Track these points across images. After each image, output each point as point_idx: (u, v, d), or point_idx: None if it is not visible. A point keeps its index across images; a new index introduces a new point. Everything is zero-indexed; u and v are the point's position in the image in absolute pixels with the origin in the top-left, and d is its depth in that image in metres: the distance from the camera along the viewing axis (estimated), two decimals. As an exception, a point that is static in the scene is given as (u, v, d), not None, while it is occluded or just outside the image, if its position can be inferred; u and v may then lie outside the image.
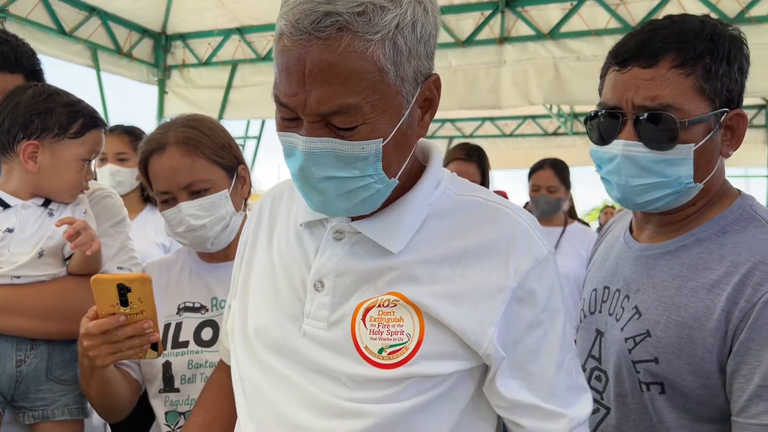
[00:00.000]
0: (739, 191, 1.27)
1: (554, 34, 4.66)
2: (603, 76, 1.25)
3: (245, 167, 1.62)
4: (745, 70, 1.19)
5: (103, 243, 1.56)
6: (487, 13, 4.86)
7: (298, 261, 1.06)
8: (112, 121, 5.64)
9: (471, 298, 0.97)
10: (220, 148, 1.56)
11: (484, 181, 3.24)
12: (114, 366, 1.45)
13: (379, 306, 0.97)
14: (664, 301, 1.19)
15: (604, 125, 1.22)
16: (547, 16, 4.67)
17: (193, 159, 1.51)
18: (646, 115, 1.15)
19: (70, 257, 1.49)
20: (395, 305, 0.97)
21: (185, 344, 1.51)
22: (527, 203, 3.73)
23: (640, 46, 1.17)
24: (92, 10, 5.12)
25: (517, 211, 1.04)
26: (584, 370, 1.33)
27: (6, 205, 1.44)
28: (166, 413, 1.50)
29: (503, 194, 7.51)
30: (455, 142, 10.22)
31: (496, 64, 4.84)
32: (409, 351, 0.96)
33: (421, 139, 1.12)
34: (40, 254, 1.44)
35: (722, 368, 1.12)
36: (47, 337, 1.46)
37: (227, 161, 1.56)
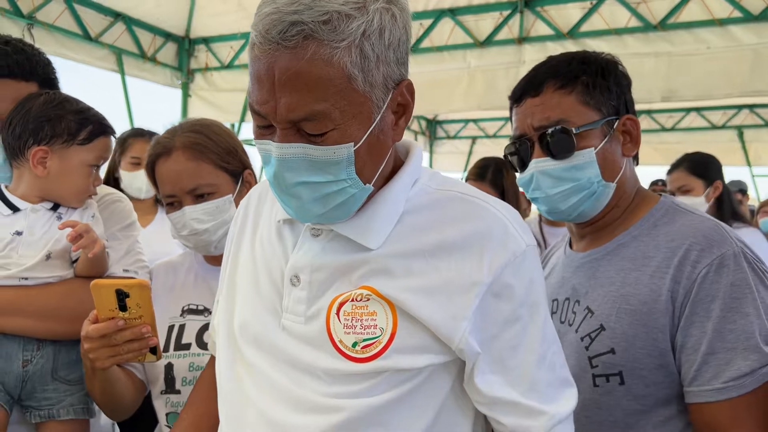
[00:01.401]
0: (661, 194, 1.41)
1: (574, 33, 4.62)
2: (510, 118, 1.43)
3: (252, 172, 1.64)
4: (623, 84, 1.37)
5: (111, 246, 1.60)
6: (506, 13, 4.85)
7: (277, 256, 1.08)
8: (137, 124, 5.78)
9: (444, 292, 0.97)
10: (226, 153, 1.58)
11: (507, 199, 3.08)
12: (118, 367, 1.48)
13: (353, 300, 0.98)
14: (612, 294, 1.29)
15: (519, 154, 1.39)
16: (567, 15, 4.64)
17: (198, 163, 1.53)
18: (545, 132, 1.32)
19: (77, 260, 1.52)
20: (368, 299, 0.98)
21: (187, 346, 1.54)
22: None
23: (528, 82, 1.37)
24: (117, 16, 5.22)
25: (495, 205, 1.04)
26: None
27: (16, 209, 1.48)
28: (167, 414, 1.53)
29: (522, 195, 7.42)
30: (478, 142, 10.20)
31: (516, 65, 4.81)
32: (382, 345, 0.97)
33: (404, 139, 1.13)
34: (48, 257, 1.48)
35: (673, 346, 1.22)
36: (53, 338, 1.49)
37: (233, 166, 1.58)
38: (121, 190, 2.95)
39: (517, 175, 1.41)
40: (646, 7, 4.44)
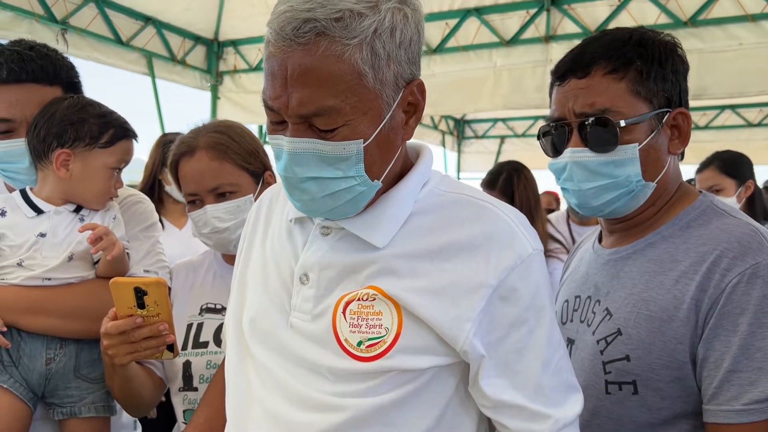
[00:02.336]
0: (700, 191, 1.30)
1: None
2: (550, 94, 1.31)
3: (272, 173, 1.66)
4: (680, 71, 1.25)
5: (132, 247, 1.64)
6: (533, 11, 4.81)
7: (287, 254, 1.09)
8: (167, 126, 5.87)
9: (449, 294, 0.97)
10: (248, 154, 1.60)
11: (521, 210, 3.09)
12: (138, 364, 1.51)
13: (359, 299, 0.99)
14: (633, 297, 1.21)
15: (553, 138, 1.27)
16: (594, 13, 4.58)
17: (220, 163, 1.56)
18: (587, 120, 1.21)
19: (98, 261, 1.56)
20: (374, 299, 0.99)
21: (205, 344, 1.56)
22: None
23: (574, 60, 1.24)
24: (147, 20, 5.31)
25: (503, 209, 1.04)
26: None
27: (39, 211, 1.52)
28: (184, 411, 1.55)
29: (555, 195, 7.31)
30: (507, 141, 10.13)
31: (542, 63, 4.77)
32: (386, 344, 0.97)
33: (415, 141, 1.14)
34: (70, 258, 1.52)
35: (694, 359, 1.13)
36: (75, 337, 1.53)
37: (254, 167, 1.61)
38: (163, 192, 3.02)
39: (550, 159, 1.30)
40: (675, 3, 4.36)
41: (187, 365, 1.55)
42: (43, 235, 1.50)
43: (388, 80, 0.93)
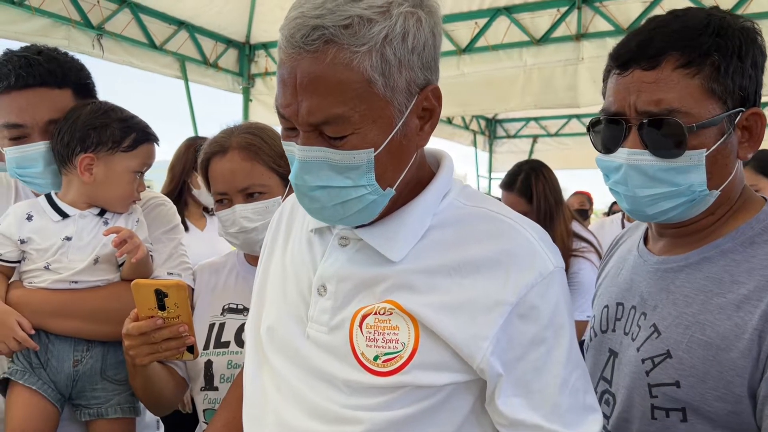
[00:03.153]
0: (765, 198, 1.18)
1: (635, 28, 4.46)
2: (605, 80, 1.17)
3: None
4: (760, 65, 1.09)
5: (155, 249, 1.66)
6: (563, 9, 4.73)
7: (306, 265, 1.09)
8: (200, 129, 5.96)
9: (467, 310, 0.95)
10: (278, 156, 1.61)
11: (540, 212, 2.96)
12: (160, 364, 1.54)
13: (376, 313, 0.98)
14: (687, 318, 1.09)
15: (607, 133, 1.14)
16: (627, 10, 4.49)
17: (252, 164, 1.58)
18: (650, 120, 1.07)
19: (123, 263, 1.58)
20: (391, 313, 0.98)
21: (226, 344, 1.58)
22: None
23: (640, 47, 1.08)
24: (180, 24, 5.39)
25: (524, 225, 1.01)
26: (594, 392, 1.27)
27: (65, 215, 1.55)
28: (204, 411, 1.57)
29: (587, 195, 7.20)
30: (540, 140, 10.01)
31: (573, 62, 4.70)
32: (403, 360, 0.96)
33: (436, 148, 1.13)
34: (96, 261, 1.55)
35: (754, 393, 1.02)
36: (101, 339, 1.56)
37: (284, 169, 1.62)
38: (189, 195, 3.08)
39: (599, 154, 1.17)
40: (712, -1, 4.25)
41: (208, 365, 1.57)
42: (68, 238, 1.53)
43: (400, 87, 0.91)
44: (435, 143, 1.12)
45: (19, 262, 1.54)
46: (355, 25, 0.87)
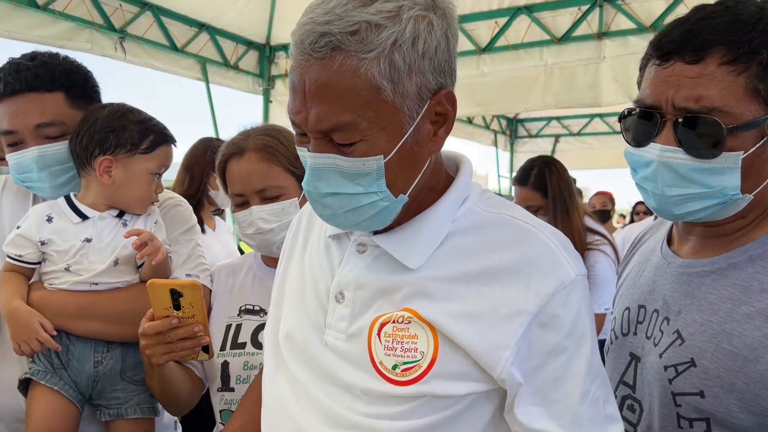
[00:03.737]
0: None
1: (658, 26, 4.39)
2: (642, 69, 1.11)
3: None
4: None
5: (174, 251, 1.67)
6: (585, 7, 4.68)
7: (324, 271, 1.08)
8: (221, 129, 6.00)
9: (487, 319, 0.94)
10: (295, 158, 1.61)
11: (556, 206, 2.93)
12: (177, 364, 1.55)
13: (394, 322, 0.97)
14: (712, 326, 1.05)
15: (640, 125, 1.08)
16: (650, 8, 4.42)
17: (269, 165, 1.58)
18: (688, 118, 1.01)
19: (142, 265, 1.59)
20: (410, 322, 0.96)
21: (243, 345, 1.58)
22: None
23: (685, 38, 1.02)
24: (201, 26, 5.43)
25: (545, 231, 0.99)
26: (615, 397, 1.21)
27: (84, 217, 1.56)
28: (220, 411, 1.58)
29: (609, 195, 7.12)
30: (562, 140, 9.93)
31: (595, 60, 4.65)
32: (422, 369, 0.95)
33: (454, 152, 1.12)
34: (116, 262, 1.56)
35: None
36: (121, 340, 1.57)
37: (301, 171, 1.61)
38: (206, 196, 3.10)
39: (628, 147, 1.12)
40: (737, -5, 4.18)
41: (225, 366, 1.58)
42: (88, 240, 1.54)
43: (410, 92, 0.90)
44: (455, 143, 1.10)
45: (39, 263, 1.56)
46: (362, 31, 0.86)
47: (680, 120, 1.02)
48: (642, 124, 1.08)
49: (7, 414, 1.61)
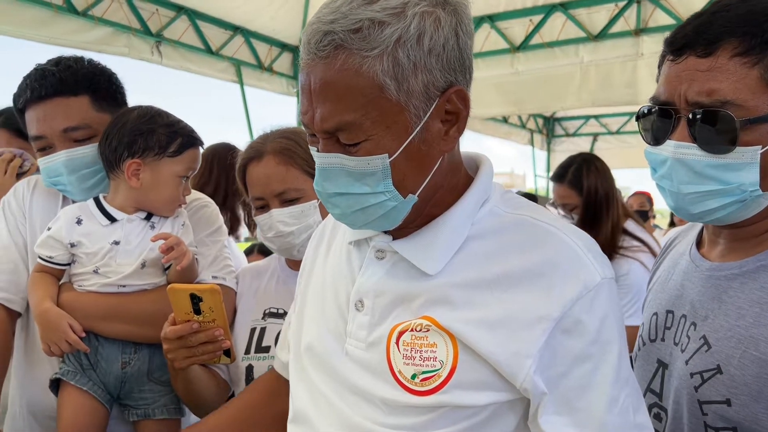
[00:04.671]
0: None
1: (698, 21, 4.28)
2: (660, 66, 1.09)
3: None
4: None
5: (200, 253, 1.68)
6: (622, 4, 4.59)
7: (344, 278, 1.07)
8: (255, 131, 6.05)
9: (508, 327, 0.91)
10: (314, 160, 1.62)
11: (588, 206, 2.85)
12: (203, 367, 1.56)
13: (412, 330, 0.95)
14: (739, 332, 1.01)
15: (656, 123, 1.06)
16: (689, 2, 4.30)
17: (287, 168, 1.59)
18: (701, 112, 0.99)
19: (169, 267, 1.60)
20: (428, 330, 0.94)
21: (267, 349, 1.58)
22: None
23: (697, 32, 1.00)
24: (236, 29, 5.48)
25: (569, 233, 0.96)
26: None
27: (113, 219, 1.58)
28: None
29: (647, 195, 6.96)
30: (600, 139, 9.75)
31: (633, 57, 4.55)
32: (441, 379, 0.92)
33: (475, 152, 1.09)
34: (143, 265, 1.57)
35: None
36: (148, 342, 1.58)
37: None
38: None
39: (647, 146, 1.11)
40: (782, -12, 4.03)
41: (249, 369, 1.58)
42: (116, 242, 1.56)
43: (416, 91, 0.88)
44: (490, 143, 1.08)
45: (69, 264, 1.58)
46: (365, 28, 0.86)
47: (693, 115, 1.00)
48: (658, 121, 1.06)
49: (40, 412, 1.65)
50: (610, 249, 2.77)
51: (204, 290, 1.36)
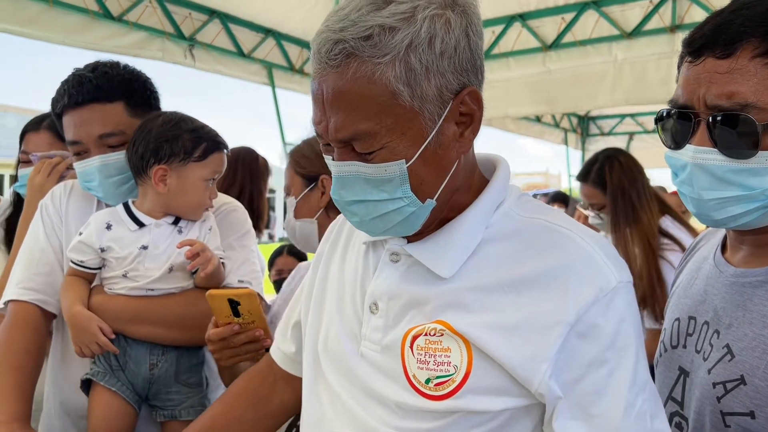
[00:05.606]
0: None
1: (736, 17, 4.17)
2: (679, 67, 1.05)
3: (329, 178, 1.73)
4: None
5: (228, 256, 1.70)
6: (657, 0, 4.49)
7: (361, 279, 1.07)
8: (287, 133, 6.11)
9: (523, 331, 0.90)
10: (302, 157, 1.73)
11: (616, 204, 2.71)
12: (249, 362, 1.58)
13: (426, 335, 0.94)
14: (764, 341, 0.98)
15: (675, 127, 1.03)
16: (727, -3, 4.20)
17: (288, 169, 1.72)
18: (721, 116, 0.95)
19: (196, 271, 1.63)
20: (442, 334, 0.93)
21: None
22: None
23: (715, 32, 0.96)
24: (267, 32, 5.53)
25: (585, 237, 0.94)
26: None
27: (141, 224, 1.61)
28: None
29: (675, 194, 6.82)
30: (636, 138, 9.56)
31: (668, 55, 4.45)
32: (455, 383, 0.92)
33: (492, 154, 1.08)
34: (170, 269, 1.60)
35: None
36: (176, 344, 1.62)
37: (306, 171, 1.73)
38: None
39: (667, 151, 1.07)
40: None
41: None
42: (145, 247, 1.59)
43: (429, 95, 0.88)
44: (524, 142, 1.06)
45: (99, 268, 1.62)
46: (375, 35, 0.85)
47: (713, 119, 0.96)
48: (677, 125, 1.02)
49: (72, 410, 1.69)
50: (651, 249, 2.62)
51: (241, 295, 1.41)
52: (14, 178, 2.17)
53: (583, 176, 2.88)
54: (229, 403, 1.28)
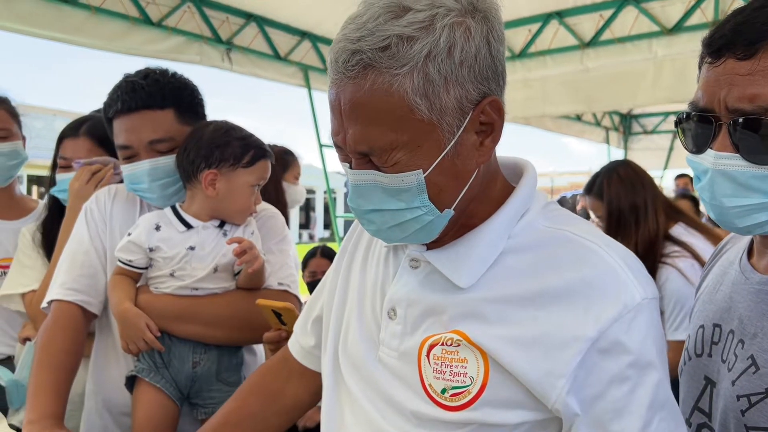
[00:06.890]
0: None
1: (782, 10, 4.05)
2: (700, 68, 1.01)
3: None
4: None
5: (268, 260, 1.73)
6: (698, -5, 4.39)
7: (381, 283, 1.07)
8: (323, 135, 6.14)
9: (541, 346, 0.88)
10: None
11: (611, 217, 2.72)
12: None
13: (443, 344, 0.93)
14: None
15: (696, 130, 0.98)
16: (772, -9, 4.08)
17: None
18: (742, 120, 0.90)
19: (238, 272, 1.67)
20: (459, 345, 0.92)
21: None
22: None
23: (736, 32, 0.91)
24: (303, 35, 5.58)
25: (609, 250, 0.91)
26: (689, 425, 1.12)
27: (189, 226, 1.66)
28: None
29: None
30: (678, 136, 9.32)
31: (711, 51, 4.34)
32: (471, 395, 0.91)
33: (519, 159, 1.07)
34: (215, 270, 1.64)
35: None
36: (217, 343, 1.65)
37: None
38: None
39: (688, 155, 1.03)
40: None
41: None
42: (192, 248, 1.63)
43: (448, 106, 0.85)
44: (564, 141, 1.03)
45: (146, 268, 1.66)
46: (393, 45, 0.82)
47: (734, 122, 0.91)
48: (698, 128, 0.98)
49: (114, 408, 1.73)
50: (651, 260, 2.58)
51: (281, 308, 1.51)
52: (51, 182, 2.20)
53: (587, 189, 2.88)
54: (242, 399, 1.29)
